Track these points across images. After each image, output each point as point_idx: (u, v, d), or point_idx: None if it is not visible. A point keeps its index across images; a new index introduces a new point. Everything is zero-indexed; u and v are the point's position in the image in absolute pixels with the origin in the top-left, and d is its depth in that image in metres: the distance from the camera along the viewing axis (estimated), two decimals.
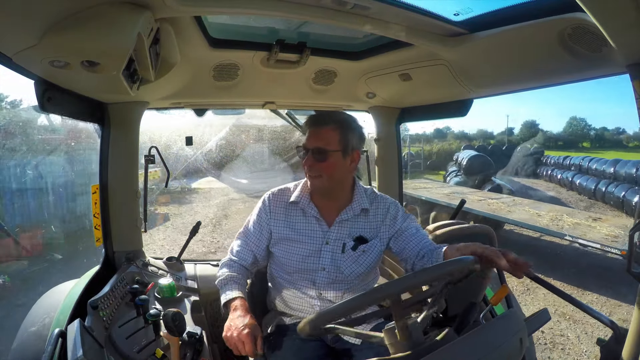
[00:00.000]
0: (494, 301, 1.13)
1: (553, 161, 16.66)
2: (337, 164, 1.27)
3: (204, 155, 9.69)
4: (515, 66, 1.34)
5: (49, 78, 1.13)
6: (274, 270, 1.43)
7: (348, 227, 1.33)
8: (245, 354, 1.13)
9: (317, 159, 1.25)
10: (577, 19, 0.97)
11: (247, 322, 1.16)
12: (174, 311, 1.13)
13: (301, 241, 1.33)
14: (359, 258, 1.30)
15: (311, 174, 1.28)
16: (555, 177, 14.95)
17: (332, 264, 1.31)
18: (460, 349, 0.71)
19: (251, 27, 1.46)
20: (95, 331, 1.12)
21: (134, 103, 1.68)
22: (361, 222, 1.34)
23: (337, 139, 1.26)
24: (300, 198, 1.35)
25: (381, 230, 1.33)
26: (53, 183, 6.58)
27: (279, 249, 1.36)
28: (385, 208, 1.35)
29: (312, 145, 1.25)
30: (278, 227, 1.36)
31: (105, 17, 0.88)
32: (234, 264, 1.38)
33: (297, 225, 1.35)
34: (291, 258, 1.33)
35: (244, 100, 1.97)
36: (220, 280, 1.32)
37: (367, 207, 1.33)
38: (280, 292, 1.39)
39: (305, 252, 1.32)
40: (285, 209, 1.37)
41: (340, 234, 1.32)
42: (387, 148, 2.25)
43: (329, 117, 1.30)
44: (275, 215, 1.37)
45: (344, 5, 1.06)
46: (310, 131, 1.28)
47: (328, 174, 1.27)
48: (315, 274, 1.32)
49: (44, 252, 5.61)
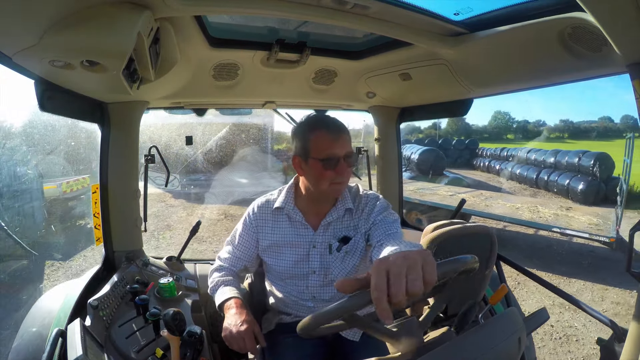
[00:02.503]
0: (493, 300, 1.13)
1: (489, 153, 18.08)
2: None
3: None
4: (515, 66, 1.34)
5: (49, 78, 1.13)
6: (268, 275, 1.44)
7: (333, 229, 1.32)
8: (247, 350, 1.14)
9: (349, 163, 1.22)
10: (577, 19, 0.97)
11: (244, 318, 1.17)
12: (174, 311, 1.13)
13: (289, 247, 1.32)
14: (344, 258, 1.30)
15: (343, 180, 1.22)
16: (494, 168, 16.08)
17: (321, 267, 1.30)
18: (459, 348, 0.71)
19: (251, 27, 1.46)
20: (95, 331, 1.13)
21: (134, 103, 1.67)
22: (346, 222, 1.32)
23: (351, 141, 1.26)
24: (284, 204, 1.33)
25: (360, 226, 1.31)
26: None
27: (269, 257, 1.36)
28: (365, 204, 1.32)
29: (343, 151, 1.20)
30: (265, 235, 1.36)
31: (105, 17, 0.88)
32: (224, 269, 1.39)
33: (284, 231, 1.34)
34: (281, 264, 1.34)
35: (244, 100, 1.97)
36: (212, 287, 1.34)
37: (351, 207, 1.31)
38: (277, 295, 1.40)
39: (295, 257, 1.32)
40: (272, 216, 1.36)
41: (325, 237, 1.31)
42: (387, 147, 2.26)
43: (339, 123, 1.26)
44: (261, 224, 1.36)
45: (344, 5, 1.06)
46: (333, 137, 1.20)
47: (349, 177, 1.26)
48: (307, 277, 1.32)
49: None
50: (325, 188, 1.22)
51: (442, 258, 0.85)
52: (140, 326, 1.22)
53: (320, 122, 1.24)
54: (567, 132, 45.49)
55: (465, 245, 1.52)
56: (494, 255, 1.59)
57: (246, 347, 1.13)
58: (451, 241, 1.53)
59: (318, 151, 1.19)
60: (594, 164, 10.67)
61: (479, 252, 1.21)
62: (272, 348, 1.30)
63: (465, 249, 1.42)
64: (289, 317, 1.38)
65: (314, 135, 1.21)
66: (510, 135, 48.81)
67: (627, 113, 48.89)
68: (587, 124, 45.64)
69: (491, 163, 16.71)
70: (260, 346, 1.17)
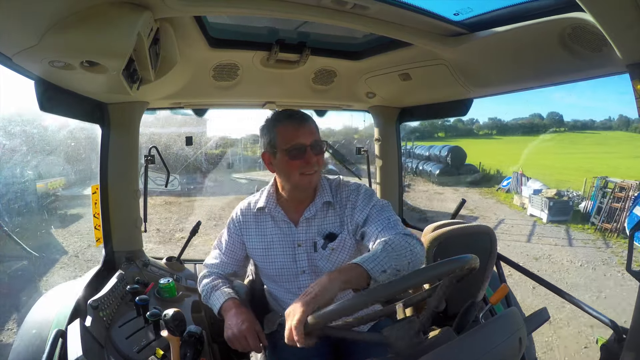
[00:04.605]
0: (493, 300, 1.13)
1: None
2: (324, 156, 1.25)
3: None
4: (515, 66, 1.34)
5: (49, 78, 1.13)
6: (262, 277, 1.43)
7: (316, 225, 1.27)
8: (250, 348, 1.13)
9: (316, 152, 1.20)
10: (577, 19, 0.97)
11: (244, 317, 1.17)
12: (174, 311, 1.13)
13: (275, 247, 1.30)
14: (330, 256, 1.25)
15: (311, 170, 1.20)
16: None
17: (310, 266, 1.28)
18: (460, 348, 0.71)
19: (251, 27, 1.46)
20: (95, 331, 1.12)
21: (134, 103, 1.67)
22: (329, 217, 1.28)
23: (318, 131, 1.24)
24: (266, 203, 1.31)
25: (346, 222, 1.25)
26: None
27: (258, 259, 1.34)
28: (346, 198, 1.27)
29: (310, 140, 1.18)
30: (251, 239, 1.33)
31: (105, 17, 0.88)
32: (211, 275, 1.37)
33: (268, 231, 1.31)
34: (270, 267, 1.31)
35: (244, 100, 1.97)
36: (204, 296, 1.31)
37: (330, 200, 1.27)
38: (274, 296, 1.39)
39: (282, 258, 1.29)
40: (255, 219, 1.34)
41: (309, 234, 1.27)
42: (387, 147, 2.26)
43: (302, 113, 1.25)
44: (246, 227, 1.34)
45: (344, 5, 1.06)
46: (297, 127, 1.18)
47: (321, 167, 1.23)
48: (297, 278, 1.29)
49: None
50: (296, 180, 1.20)
51: (442, 258, 0.85)
52: (141, 326, 1.22)
53: (283, 114, 1.24)
54: (495, 129, 48.23)
55: (465, 245, 1.52)
56: (494, 255, 1.59)
57: (249, 346, 1.13)
58: (451, 241, 1.53)
59: (284, 142, 1.18)
60: (447, 155, 15.65)
61: (479, 252, 1.20)
62: (274, 349, 1.30)
63: (466, 248, 1.42)
64: None
65: (278, 127, 1.20)
66: (441, 133, 50.56)
67: (553, 110, 54.21)
68: (514, 121, 48.49)
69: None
70: (263, 345, 1.16)
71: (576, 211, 9.81)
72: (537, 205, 10.00)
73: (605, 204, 8.92)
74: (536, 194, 10.36)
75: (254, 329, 1.15)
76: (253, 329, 1.15)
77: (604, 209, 8.89)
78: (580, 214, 9.69)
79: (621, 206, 8.50)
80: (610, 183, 9.32)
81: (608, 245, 7.74)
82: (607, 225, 8.50)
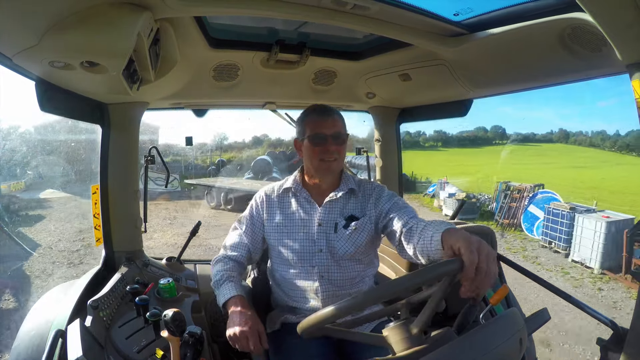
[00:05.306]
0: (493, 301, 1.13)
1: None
2: (346, 147, 1.39)
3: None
4: (515, 66, 1.34)
5: (49, 78, 1.13)
6: (274, 262, 1.45)
7: (339, 208, 1.38)
8: (251, 349, 1.13)
9: (336, 142, 1.34)
10: (577, 19, 0.97)
11: (248, 317, 1.17)
12: (174, 311, 1.12)
13: (296, 225, 1.38)
14: (351, 236, 1.34)
15: (331, 157, 1.34)
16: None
17: (327, 245, 1.35)
18: (460, 348, 0.71)
19: (251, 28, 1.46)
20: (95, 331, 1.12)
21: (134, 103, 1.67)
22: (351, 203, 1.39)
23: (343, 125, 1.38)
24: (292, 184, 1.43)
25: (368, 209, 1.38)
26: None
27: (276, 238, 1.40)
28: (371, 189, 1.41)
29: (331, 131, 1.33)
30: (272, 217, 1.42)
31: (105, 17, 0.88)
32: (228, 261, 1.39)
33: (291, 209, 1.41)
34: (288, 244, 1.37)
35: (244, 101, 1.97)
36: (215, 281, 1.33)
37: (355, 188, 1.40)
38: (282, 285, 1.40)
39: (301, 236, 1.37)
40: (279, 199, 1.44)
41: (331, 215, 1.37)
42: (387, 148, 2.26)
43: (330, 108, 1.40)
44: (269, 205, 1.44)
45: (344, 6, 1.06)
46: (322, 119, 1.35)
47: (342, 156, 1.38)
48: (313, 256, 1.34)
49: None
50: (317, 164, 1.35)
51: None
52: (141, 327, 1.22)
53: (312, 108, 1.42)
54: (440, 141, 50.73)
55: None
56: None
57: (250, 347, 1.13)
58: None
59: (309, 131, 1.35)
60: (367, 162, 16.21)
61: None
62: (276, 348, 1.30)
63: None
64: (294, 316, 1.38)
65: (307, 118, 1.38)
66: None
67: (496, 124, 56.65)
68: (459, 134, 50.68)
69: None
70: (264, 347, 1.16)
71: (486, 211, 11.92)
72: (449, 206, 11.75)
73: (505, 203, 10.71)
74: (450, 197, 12.24)
75: (257, 330, 1.15)
76: (255, 330, 1.15)
77: (504, 208, 10.68)
78: (488, 213, 11.77)
79: (517, 205, 10.38)
80: (513, 187, 10.94)
81: (503, 236, 9.51)
82: (506, 221, 10.45)
